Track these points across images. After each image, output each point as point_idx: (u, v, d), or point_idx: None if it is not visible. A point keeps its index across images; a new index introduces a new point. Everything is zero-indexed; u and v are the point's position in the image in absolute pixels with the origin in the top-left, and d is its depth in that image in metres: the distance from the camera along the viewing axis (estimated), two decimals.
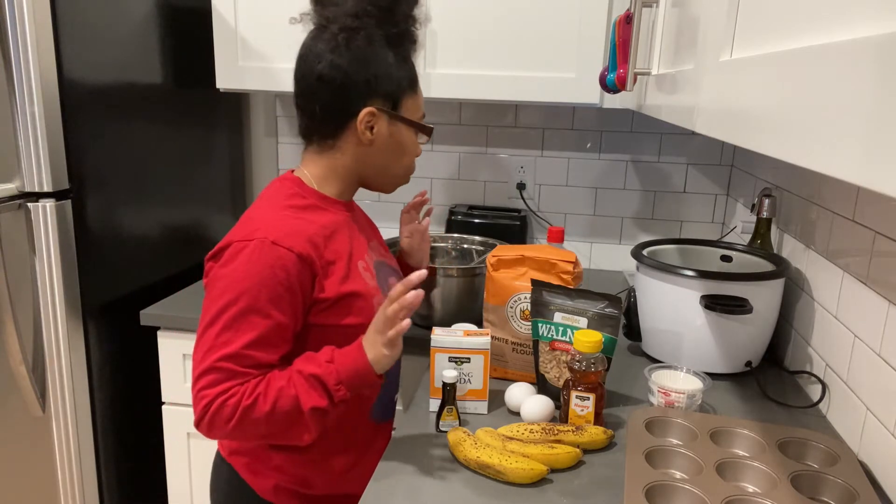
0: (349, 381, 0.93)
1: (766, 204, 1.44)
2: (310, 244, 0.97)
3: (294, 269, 0.94)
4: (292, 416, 0.93)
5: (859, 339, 1.06)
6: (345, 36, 0.98)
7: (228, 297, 0.92)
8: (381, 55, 1.01)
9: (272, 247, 0.93)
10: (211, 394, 0.92)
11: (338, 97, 1.01)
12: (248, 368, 0.92)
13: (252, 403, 0.91)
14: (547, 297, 1.15)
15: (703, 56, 0.70)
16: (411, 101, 1.06)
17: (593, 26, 1.62)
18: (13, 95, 1.37)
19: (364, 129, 1.02)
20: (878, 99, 0.31)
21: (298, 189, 1.04)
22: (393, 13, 1.01)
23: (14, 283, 1.45)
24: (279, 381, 0.93)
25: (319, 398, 0.93)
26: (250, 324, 0.92)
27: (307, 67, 1.01)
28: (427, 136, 1.10)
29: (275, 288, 0.92)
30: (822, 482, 0.89)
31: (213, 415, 0.92)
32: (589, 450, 1.02)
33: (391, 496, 0.92)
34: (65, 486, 1.55)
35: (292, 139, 2.17)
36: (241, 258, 0.93)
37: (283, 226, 0.96)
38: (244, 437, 0.97)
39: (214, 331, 0.92)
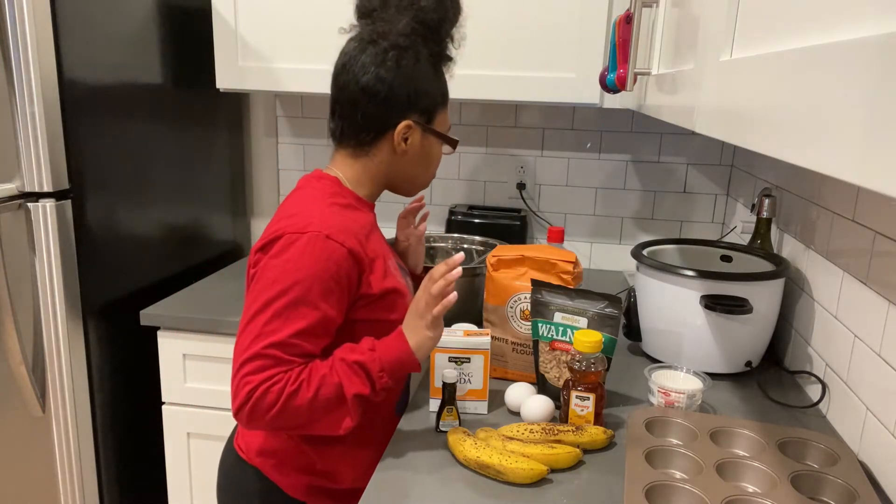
0: (391, 368, 0.97)
1: (766, 204, 1.44)
2: (356, 241, 1.01)
3: (345, 263, 0.97)
4: (334, 402, 0.95)
5: (859, 339, 1.06)
6: (395, 53, 1.03)
7: (280, 286, 0.94)
8: (424, 72, 1.06)
9: (325, 241, 0.96)
10: (256, 380, 0.93)
11: (380, 109, 1.05)
12: (293, 357, 0.95)
13: (296, 390, 0.93)
14: (547, 297, 1.15)
15: (703, 56, 0.70)
16: (443, 115, 1.13)
17: (593, 26, 1.62)
18: (13, 95, 1.37)
19: (400, 140, 1.07)
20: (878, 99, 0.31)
21: (338, 189, 1.08)
22: (438, 32, 1.07)
23: (14, 283, 1.45)
24: (322, 368, 0.96)
25: (363, 385, 0.96)
26: (300, 314, 0.94)
27: (350, 77, 1.05)
28: (452, 148, 1.15)
29: (327, 281, 0.95)
30: (822, 482, 0.89)
31: (257, 400, 0.92)
32: (589, 450, 1.02)
33: (391, 496, 0.92)
34: (65, 486, 1.55)
35: (292, 139, 2.17)
36: (294, 250, 0.95)
37: (334, 221, 0.99)
38: (284, 425, 0.97)
39: (263, 318, 0.94)
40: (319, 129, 2.14)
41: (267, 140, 2.18)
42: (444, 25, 1.07)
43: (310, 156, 2.17)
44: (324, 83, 1.75)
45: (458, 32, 1.11)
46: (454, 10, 1.08)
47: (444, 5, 1.06)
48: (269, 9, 1.75)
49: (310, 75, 1.77)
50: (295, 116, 2.15)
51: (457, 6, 1.09)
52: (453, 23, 1.09)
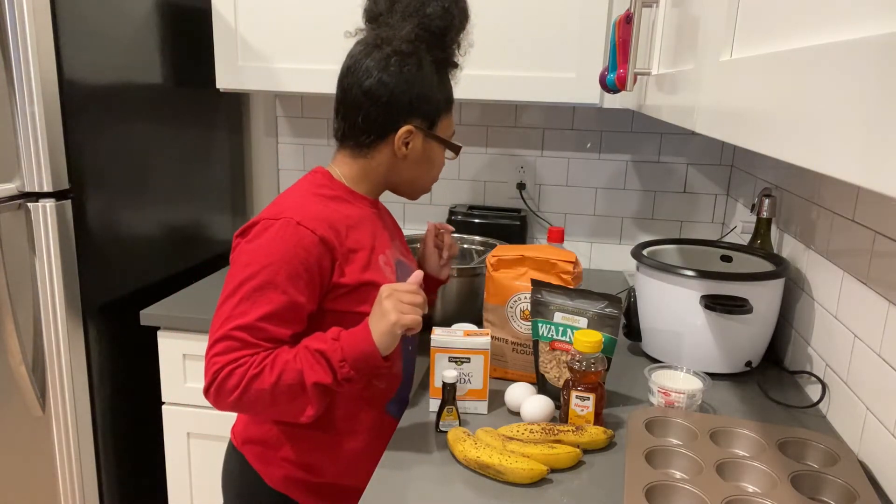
0: (354, 359, 0.96)
1: (766, 204, 1.44)
2: (332, 229, 1.02)
3: (315, 250, 0.99)
4: (295, 389, 0.95)
5: (859, 339, 1.06)
6: (398, 59, 1.04)
7: (250, 270, 0.97)
8: (427, 78, 1.07)
9: (296, 227, 0.98)
10: (222, 361, 0.95)
11: (381, 113, 1.06)
12: (260, 340, 0.96)
13: (258, 373, 0.94)
14: (547, 297, 1.15)
15: (703, 56, 0.70)
16: (446, 121, 1.14)
17: (593, 26, 1.62)
18: (13, 95, 1.37)
19: (401, 144, 1.08)
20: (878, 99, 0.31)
21: (328, 181, 1.10)
22: (443, 40, 1.08)
23: (14, 283, 1.45)
24: (286, 355, 0.96)
25: (324, 374, 0.96)
26: (267, 298, 0.96)
27: (354, 79, 1.06)
28: (455, 154, 1.16)
29: (295, 266, 0.97)
30: (822, 482, 0.89)
31: (222, 381, 0.95)
32: (589, 450, 1.02)
33: (391, 496, 0.92)
34: (65, 486, 1.55)
35: (292, 139, 2.17)
36: (266, 235, 0.98)
37: (310, 210, 1.02)
38: (248, 408, 0.98)
39: (233, 301, 0.96)
40: (319, 129, 2.14)
41: (267, 140, 2.18)
42: (450, 33, 1.08)
43: (310, 156, 2.17)
44: (324, 83, 1.76)
45: (464, 40, 1.12)
46: (461, 17, 1.09)
47: (450, 13, 1.07)
48: (269, 9, 1.75)
49: (310, 75, 1.77)
50: (295, 116, 2.15)
51: (463, 14, 1.10)
52: (459, 30, 1.10)
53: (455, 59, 1.13)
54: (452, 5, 1.07)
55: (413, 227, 2.14)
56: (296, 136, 2.16)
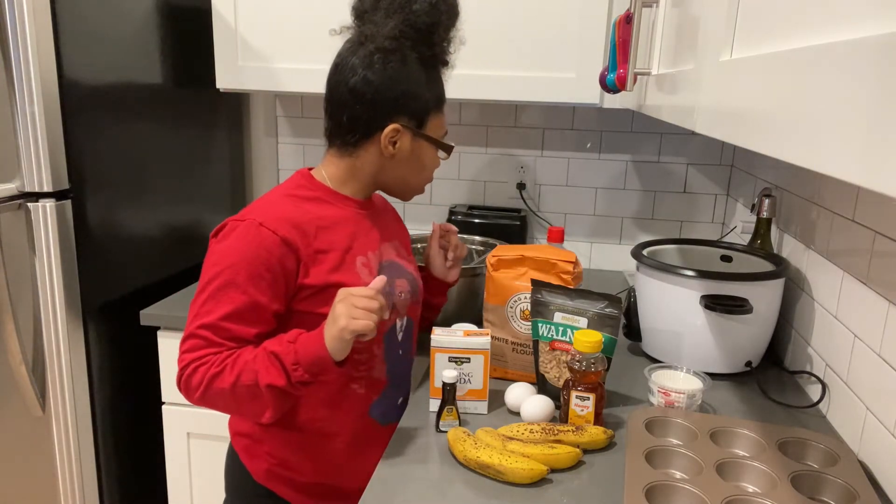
0: (307, 362, 0.95)
1: (766, 204, 1.44)
2: (296, 230, 1.01)
3: (276, 250, 0.99)
4: (252, 390, 0.96)
5: (859, 339, 1.06)
6: (380, 56, 1.03)
7: (214, 270, 0.99)
8: (414, 76, 1.05)
9: (258, 228, 0.99)
10: (188, 358, 0.98)
11: (366, 111, 1.05)
12: (224, 339, 0.98)
13: (218, 373, 0.96)
14: (547, 297, 1.15)
15: (703, 56, 0.70)
16: (436, 120, 1.12)
17: (593, 26, 1.62)
18: (13, 95, 1.37)
19: (387, 143, 1.07)
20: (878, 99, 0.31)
21: (306, 182, 1.10)
22: (430, 36, 1.06)
23: (14, 283, 1.45)
24: (247, 355, 0.97)
25: (278, 376, 0.95)
26: (229, 297, 0.97)
27: (340, 77, 1.05)
28: (447, 154, 1.15)
29: (256, 266, 0.98)
30: (822, 482, 0.89)
31: (187, 378, 0.98)
32: (589, 450, 1.02)
33: (391, 496, 0.92)
34: (65, 486, 1.55)
35: (292, 139, 2.17)
36: (232, 237, 1.00)
37: (274, 211, 1.02)
38: (214, 406, 1.00)
39: (200, 300, 0.99)
40: (319, 129, 2.14)
41: (267, 140, 2.18)
42: (438, 30, 1.06)
43: (310, 156, 2.17)
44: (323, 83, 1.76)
45: (454, 37, 1.10)
46: (448, 14, 1.07)
47: (437, 9, 1.05)
48: (269, 9, 1.75)
49: (310, 75, 1.77)
50: (295, 116, 2.15)
51: (452, 10, 1.08)
52: (448, 27, 1.08)
53: (445, 56, 1.11)
54: (440, 1, 1.05)
55: (413, 228, 2.14)
56: (296, 136, 2.16)
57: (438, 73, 1.11)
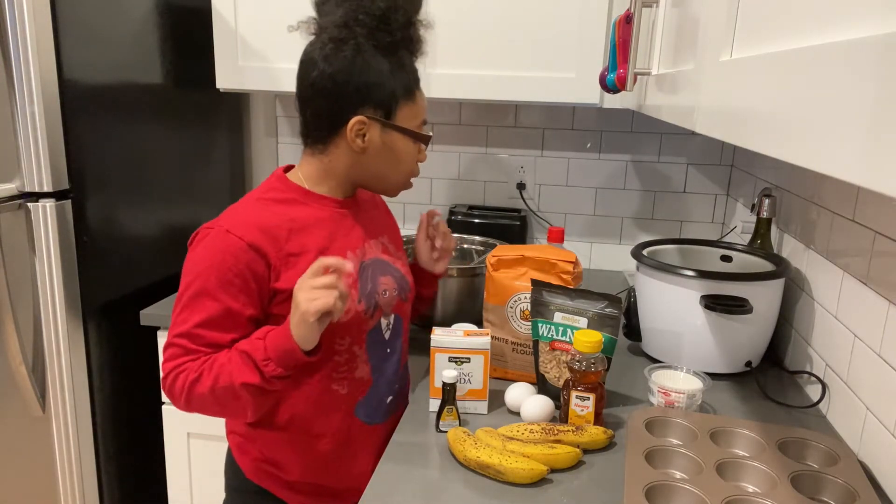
0: (278, 356, 0.94)
1: (766, 204, 1.44)
2: (264, 234, 1.00)
3: (244, 256, 0.98)
4: (230, 391, 0.96)
5: (859, 339, 1.06)
6: (332, 46, 1.00)
7: (187, 279, 0.99)
8: (373, 64, 1.01)
9: (226, 235, 0.99)
10: (168, 367, 0.99)
11: (328, 105, 1.02)
12: (200, 346, 0.99)
13: (196, 378, 0.97)
14: (547, 297, 1.15)
15: (703, 56, 0.70)
16: (407, 109, 1.06)
17: (593, 26, 1.62)
18: (13, 95, 1.37)
19: (354, 136, 1.03)
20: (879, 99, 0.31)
21: (279, 184, 1.08)
22: (387, 21, 1.00)
23: (14, 283, 1.45)
24: (222, 358, 0.97)
25: (251, 374, 0.95)
26: (202, 305, 0.98)
27: (304, 73, 1.03)
28: (424, 144, 1.10)
29: (225, 273, 0.98)
30: (822, 482, 0.89)
31: (170, 386, 0.99)
32: (589, 450, 1.02)
33: (391, 496, 0.92)
34: (65, 486, 1.55)
35: (292, 139, 2.17)
36: (202, 245, 1.00)
37: (242, 216, 1.01)
38: (200, 411, 1.01)
39: (177, 310, 1.00)
40: None
41: (267, 140, 2.18)
42: (394, 14, 1.00)
43: None
44: None
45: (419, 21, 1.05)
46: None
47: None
48: (269, 9, 1.74)
49: None
50: (295, 116, 2.14)
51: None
52: (408, 12, 1.02)
53: (412, 43, 1.05)
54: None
55: (413, 228, 2.14)
56: (296, 136, 2.16)
57: (404, 59, 1.05)
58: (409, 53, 1.06)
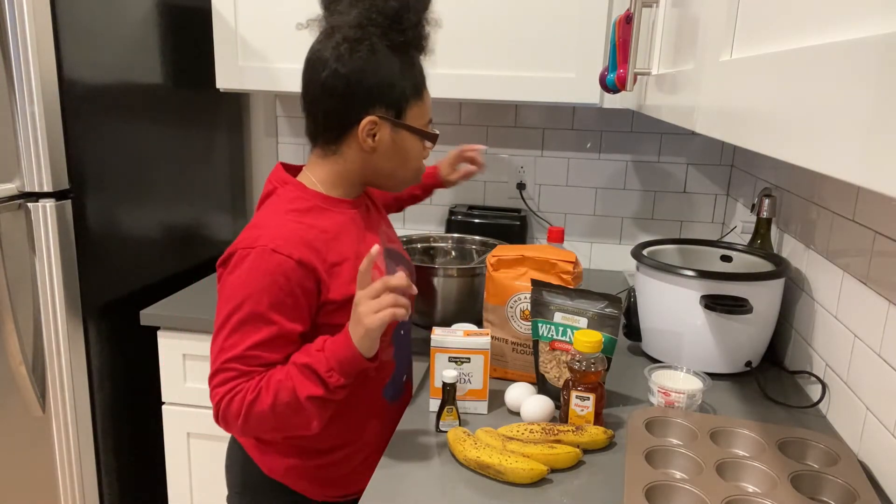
0: (340, 366, 0.95)
1: (766, 204, 1.44)
2: (309, 249, 0.99)
3: (294, 274, 0.96)
4: (293, 406, 0.95)
5: (859, 339, 1.06)
6: (347, 46, 0.99)
7: (234, 303, 0.96)
8: (385, 64, 1.01)
9: (272, 254, 0.96)
10: (221, 391, 0.96)
11: (340, 105, 1.02)
12: (254, 367, 0.97)
13: (255, 398, 0.95)
14: (547, 297, 1.15)
15: (703, 56, 0.70)
16: (417, 108, 1.07)
17: (593, 26, 1.62)
18: (13, 95, 1.37)
19: (365, 136, 1.03)
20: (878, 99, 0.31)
21: (300, 192, 1.06)
22: (399, 22, 1.01)
23: (14, 283, 1.45)
24: (279, 374, 0.96)
25: (315, 386, 0.95)
26: (255, 328, 0.96)
27: (313, 73, 1.02)
28: (431, 143, 1.11)
29: (276, 294, 0.95)
30: (822, 482, 0.89)
31: (224, 410, 0.96)
32: (589, 450, 1.02)
33: (391, 496, 0.92)
34: (65, 486, 1.55)
35: (292, 139, 2.17)
36: (245, 266, 0.96)
37: (282, 232, 0.98)
38: (258, 432, 1.00)
39: (223, 334, 0.97)
40: None
41: (267, 140, 2.18)
42: (406, 14, 1.01)
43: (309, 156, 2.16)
44: None
45: (428, 20, 1.05)
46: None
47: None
48: (269, 9, 1.74)
49: None
50: (295, 116, 2.15)
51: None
52: (418, 10, 1.02)
53: (420, 41, 1.05)
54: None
55: (413, 228, 2.14)
56: (296, 136, 2.16)
57: (414, 59, 1.06)
58: (418, 52, 1.07)
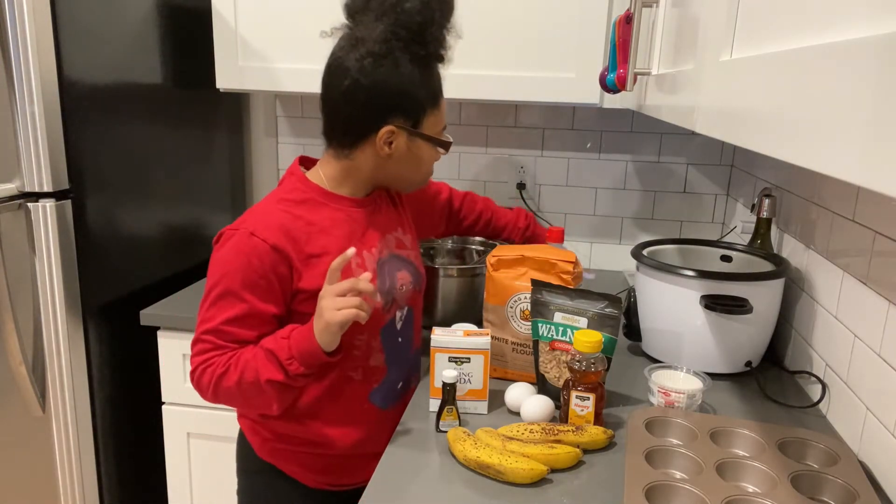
0: (301, 356, 1.00)
1: (766, 204, 1.44)
2: (287, 237, 1.04)
3: (268, 258, 1.02)
4: (255, 386, 1.01)
5: (859, 339, 1.06)
6: (371, 61, 1.02)
7: (214, 279, 1.03)
8: (407, 77, 1.04)
9: (250, 237, 1.02)
10: (196, 361, 1.04)
11: (359, 114, 1.06)
12: (227, 342, 1.03)
13: (224, 373, 1.02)
14: (547, 297, 1.15)
15: (703, 56, 0.70)
16: (433, 117, 1.11)
17: (593, 26, 1.62)
18: (13, 95, 1.37)
19: (382, 144, 1.07)
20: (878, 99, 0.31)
21: (301, 185, 1.11)
22: (423, 35, 1.04)
23: (14, 283, 1.45)
24: (248, 354, 1.02)
25: (275, 371, 1.00)
26: (228, 304, 1.02)
27: (334, 79, 1.06)
28: (445, 150, 1.15)
29: (249, 275, 1.02)
30: (822, 482, 0.89)
31: (198, 379, 1.04)
32: (589, 450, 1.02)
33: (391, 496, 0.92)
34: (65, 486, 1.55)
35: (292, 139, 2.17)
36: (227, 246, 1.04)
37: (266, 219, 1.05)
38: (226, 403, 1.07)
39: (205, 307, 1.04)
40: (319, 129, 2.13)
41: (267, 140, 2.18)
42: (430, 28, 1.04)
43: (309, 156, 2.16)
44: None
45: (449, 32, 1.08)
46: (442, 10, 1.05)
47: (429, 7, 1.03)
48: (269, 9, 1.74)
49: (310, 75, 1.76)
50: (295, 116, 2.15)
51: (445, 6, 1.06)
52: (441, 25, 1.06)
53: (441, 52, 1.08)
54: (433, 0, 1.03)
55: None
56: (296, 136, 2.16)
57: (434, 69, 1.09)
58: (439, 62, 1.10)
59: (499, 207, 1.55)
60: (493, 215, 1.54)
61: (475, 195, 1.53)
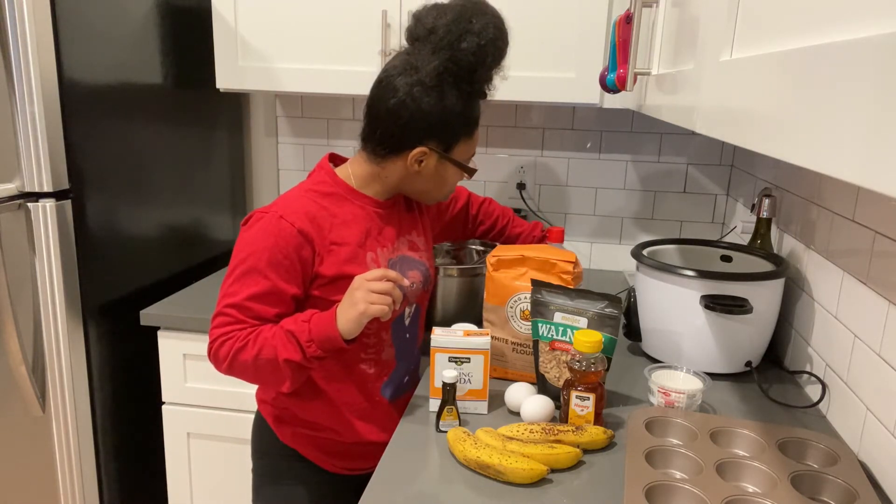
0: (320, 340, 1.05)
1: (766, 204, 1.44)
2: (312, 223, 1.10)
3: (293, 240, 1.08)
4: (272, 364, 1.06)
5: (859, 339, 1.06)
6: (420, 90, 1.08)
7: (241, 256, 1.09)
8: (449, 108, 1.11)
9: (279, 220, 1.08)
10: (216, 333, 1.09)
11: (399, 131, 1.12)
12: (248, 318, 1.08)
13: (242, 347, 1.06)
14: (547, 297, 1.15)
15: (703, 56, 0.70)
16: (465, 145, 1.17)
17: (593, 26, 1.62)
18: (13, 95, 1.37)
19: (413, 162, 1.14)
20: (878, 99, 0.31)
21: (329, 179, 1.17)
22: (473, 75, 1.11)
23: (14, 283, 1.45)
24: (267, 332, 1.07)
25: (294, 352, 1.05)
26: (252, 280, 1.08)
27: (382, 93, 1.11)
28: (469, 176, 1.21)
29: (275, 254, 1.07)
30: (822, 482, 0.89)
31: (216, 350, 1.08)
32: (589, 450, 1.02)
33: (391, 496, 0.92)
34: (65, 486, 1.55)
35: (292, 139, 2.17)
36: (257, 226, 1.10)
37: (294, 204, 1.11)
38: (240, 376, 1.10)
39: (228, 282, 1.09)
40: (319, 129, 2.14)
41: (267, 140, 2.18)
42: (480, 69, 1.11)
43: (310, 156, 2.17)
44: (324, 83, 1.76)
45: (497, 75, 1.15)
46: (494, 56, 1.11)
47: (484, 51, 1.09)
48: (269, 9, 1.75)
49: (310, 75, 1.77)
50: (295, 116, 2.15)
51: (498, 53, 1.12)
52: (491, 68, 1.13)
53: (485, 91, 1.16)
54: (489, 44, 1.09)
55: None
56: (296, 136, 2.16)
57: (475, 103, 1.16)
58: (481, 98, 1.17)
59: (517, 217, 1.59)
60: (508, 222, 1.56)
61: (494, 202, 1.56)
